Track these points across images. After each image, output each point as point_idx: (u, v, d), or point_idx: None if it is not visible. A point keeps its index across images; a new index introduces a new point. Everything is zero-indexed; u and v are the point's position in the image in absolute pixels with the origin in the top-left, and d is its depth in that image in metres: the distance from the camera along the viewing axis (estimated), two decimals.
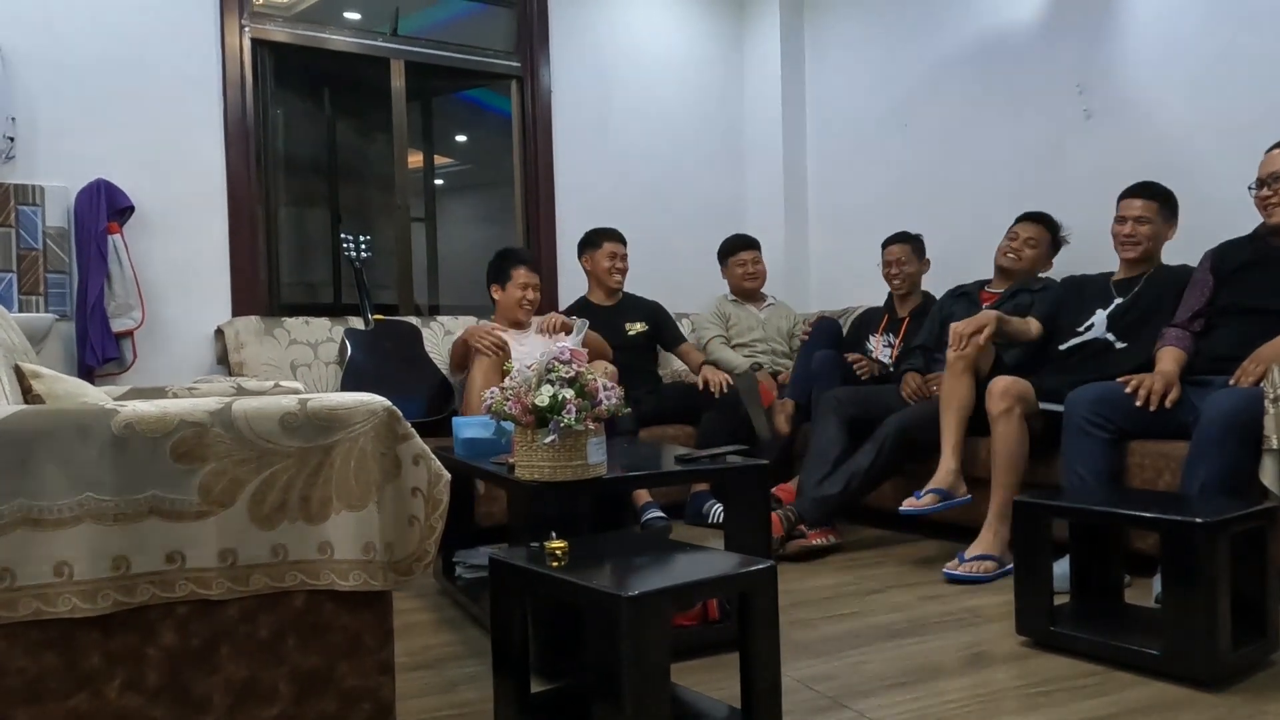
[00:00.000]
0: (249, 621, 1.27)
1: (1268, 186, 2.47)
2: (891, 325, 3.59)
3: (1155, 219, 2.77)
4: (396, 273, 4.09)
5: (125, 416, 1.21)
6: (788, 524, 2.86)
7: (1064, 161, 3.51)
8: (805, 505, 2.91)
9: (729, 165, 4.66)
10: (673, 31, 4.56)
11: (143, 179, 3.37)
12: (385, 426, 1.32)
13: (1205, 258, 2.66)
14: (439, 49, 4.13)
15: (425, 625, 2.30)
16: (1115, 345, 2.77)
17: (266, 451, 1.26)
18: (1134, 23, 3.28)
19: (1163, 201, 2.79)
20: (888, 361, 3.48)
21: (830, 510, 2.91)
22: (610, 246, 3.76)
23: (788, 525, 2.86)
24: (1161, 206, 2.79)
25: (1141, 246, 2.78)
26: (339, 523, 1.29)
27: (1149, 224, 2.77)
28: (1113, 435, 2.47)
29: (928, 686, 1.79)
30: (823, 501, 2.89)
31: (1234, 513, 1.80)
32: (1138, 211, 2.78)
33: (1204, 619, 1.73)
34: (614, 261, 3.75)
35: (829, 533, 2.92)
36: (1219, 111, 3.04)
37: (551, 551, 1.55)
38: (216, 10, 3.55)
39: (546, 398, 1.84)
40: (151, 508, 1.21)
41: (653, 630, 1.35)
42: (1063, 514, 2.02)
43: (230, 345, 3.36)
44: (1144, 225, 2.77)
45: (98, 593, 1.18)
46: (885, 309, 3.67)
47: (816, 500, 2.89)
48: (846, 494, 2.90)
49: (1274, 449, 2.17)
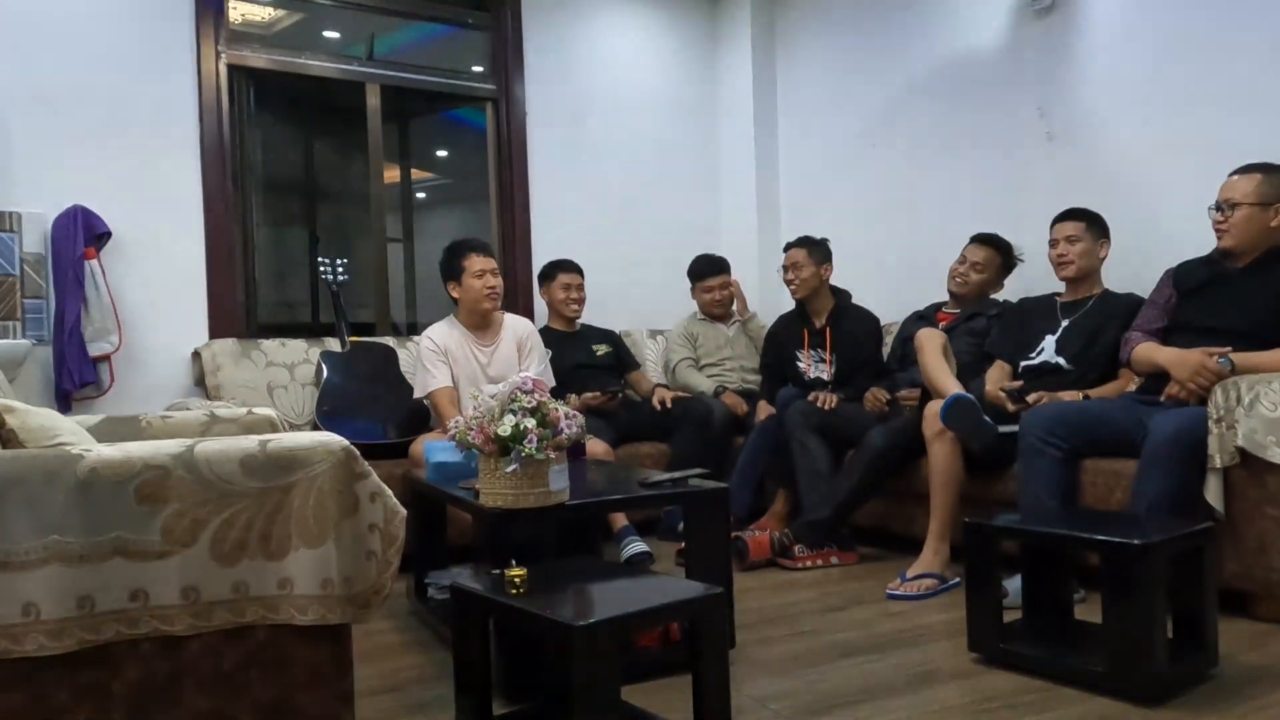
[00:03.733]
0: (212, 656, 1.32)
1: (1220, 211, 2.56)
2: (815, 339, 3.53)
3: (1085, 237, 2.91)
4: (374, 292, 4.13)
5: (90, 461, 1.26)
6: (779, 547, 2.96)
7: (1027, 182, 3.59)
8: (801, 529, 3.01)
9: (703, 184, 4.73)
10: (646, 53, 4.63)
11: (120, 205, 3.40)
12: (343, 466, 1.38)
13: (1167, 274, 2.74)
14: (414, 72, 4.19)
15: (396, 647, 2.35)
16: (1064, 368, 2.86)
17: (227, 492, 1.32)
18: (1093, 47, 3.37)
19: (1090, 221, 2.93)
20: (828, 379, 3.46)
21: (824, 533, 3.01)
22: (564, 278, 3.81)
23: (779, 548, 2.95)
24: (1090, 225, 2.92)
25: (1075, 265, 2.91)
26: (298, 559, 1.34)
27: (1079, 242, 2.91)
28: (1066, 454, 2.54)
29: (877, 705, 1.85)
30: (818, 525, 3.00)
31: (1170, 534, 1.87)
32: (1068, 232, 2.93)
33: (1143, 636, 1.80)
34: (568, 293, 3.80)
35: (831, 554, 3.01)
36: (1176, 133, 3.12)
37: (510, 580, 1.61)
38: (192, 37, 3.60)
39: (509, 427, 1.90)
40: (116, 548, 1.26)
41: (603, 658, 1.41)
42: (1011, 534, 2.09)
43: (207, 368, 3.40)
44: (1075, 244, 2.91)
45: (64, 631, 1.23)
46: (800, 321, 3.59)
47: (813, 524, 2.99)
48: (838, 517, 3.01)
49: (1217, 468, 2.25)
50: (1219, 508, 2.26)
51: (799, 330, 3.58)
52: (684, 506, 2.27)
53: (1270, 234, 2.51)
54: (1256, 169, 2.53)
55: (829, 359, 3.48)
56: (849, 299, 3.57)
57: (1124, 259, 2.99)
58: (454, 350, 3.20)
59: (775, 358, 3.65)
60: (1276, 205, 2.48)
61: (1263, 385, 2.21)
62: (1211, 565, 1.95)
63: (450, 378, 3.15)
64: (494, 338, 3.28)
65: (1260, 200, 2.49)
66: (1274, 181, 2.50)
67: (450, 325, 3.27)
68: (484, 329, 3.28)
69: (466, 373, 3.19)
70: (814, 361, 3.51)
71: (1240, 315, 2.48)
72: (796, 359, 3.57)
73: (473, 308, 3.22)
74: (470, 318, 3.26)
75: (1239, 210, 2.51)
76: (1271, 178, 2.50)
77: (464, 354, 3.22)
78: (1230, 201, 2.53)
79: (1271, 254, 2.52)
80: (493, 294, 3.20)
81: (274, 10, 4.00)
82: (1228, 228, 2.54)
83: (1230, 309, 2.52)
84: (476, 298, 3.19)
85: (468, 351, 3.23)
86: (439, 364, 3.15)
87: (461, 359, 3.21)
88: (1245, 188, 2.51)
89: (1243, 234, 2.52)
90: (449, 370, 3.17)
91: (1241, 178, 2.54)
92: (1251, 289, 2.50)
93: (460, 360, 3.20)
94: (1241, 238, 2.52)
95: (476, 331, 3.27)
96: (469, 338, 3.24)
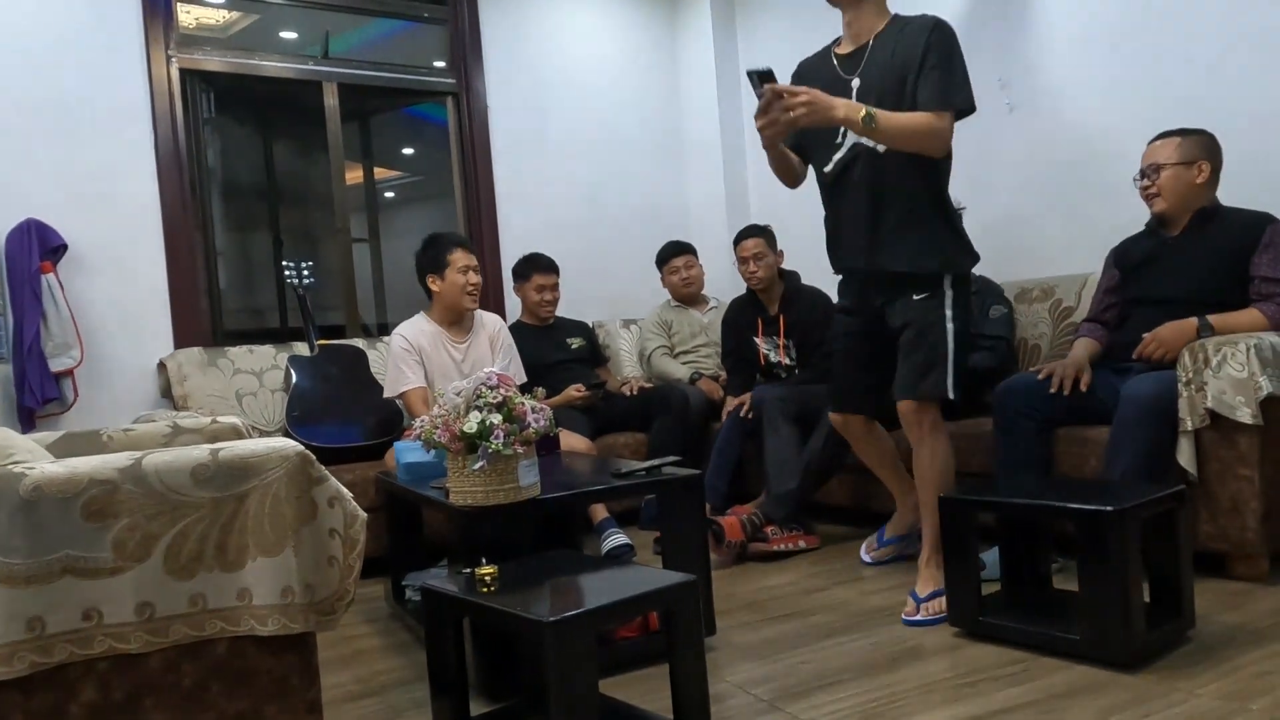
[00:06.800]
0: (172, 672, 1.29)
1: (1147, 177, 2.58)
2: (770, 326, 3.50)
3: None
4: (342, 294, 4.08)
5: (33, 479, 1.22)
6: (751, 528, 2.93)
7: (989, 154, 3.58)
8: (770, 505, 2.99)
9: (669, 171, 4.70)
10: (606, 40, 4.59)
11: (74, 216, 3.34)
12: (299, 471, 1.34)
13: (1109, 255, 2.76)
14: (371, 69, 4.13)
15: (374, 651, 2.32)
16: None
17: (179, 504, 1.28)
18: (1052, 16, 3.36)
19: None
20: (791, 363, 3.44)
21: (793, 505, 3.00)
22: (539, 279, 3.75)
23: (750, 529, 2.92)
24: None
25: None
26: (256, 569, 1.31)
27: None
28: (1040, 424, 2.54)
29: (860, 684, 1.84)
30: (785, 498, 2.98)
31: (1142, 499, 1.87)
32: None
33: (1119, 602, 1.80)
34: (543, 294, 3.76)
35: (799, 537, 2.99)
36: (1135, 101, 3.12)
37: (481, 578, 1.58)
38: (141, 42, 3.52)
39: (474, 424, 1.87)
40: (65, 567, 1.23)
41: (577, 652, 1.39)
42: (986, 508, 2.08)
43: (173, 378, 3.35)
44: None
45: (14, 655, 1.19)
46: (754, 309, 3.55)
47: (780, 497, 2.98)
48: (804, 487, 3.01)
49: (1189, 430, 2.26)
50: (1192, 470, 2.27)
51: (753, 318, 3.55)
52: (658, 495, 2.25)
53: (1197, 191, 2.53)
54: (1174, 133, 2.57)
55: (783, 344, 3.46)
56: (798, 280, 3.55)
57: (1090, 229, 2.99)
58: (427, 348, 3.14)
59: (735, 345, 3.62)
60: (1199, 163, 2.52)
61: (1229, 346, 2.22)
62: (1185, 528, 1.96)
63: (423, 377, 3.09)
64: (468, 334, 3.23)
65: (1182, 159, 2.52)
66: (1192, 141, 2.54)
67: (423, 322, 3.20)
68: (458, 325, 3.22)
69: (441, 370, 3.12)
70: (771, 348, 3.49)
71: (1188, 283, 2.50)
72: (754, 345, 3.54)
73: (452, 304, 3.16)
74: (446, 314, 3.20)
75: (1164, 172, 2.54)
76: (1189, 138, 2.54)
77: (438, 351, 3.16)
78: (1155, 165, 2.57)
79: (1201, 215, 2.54)
80: (474, 291, 3.16)
81: (229, 13, 3.93)
82: (1157, 190, 2.57)
83: (1175, 278, 2.53)
84: (458, 295, 3.13)
85: (442, 349, 3.17)
86: (412, 363, 3.09)
87: (435, 356, 3.14)
88: (1167, 150, 2.55)
89: (1171, 194, 2.54)
90: (422, 369, 3.10)
91: (1162, 142, 2.58)
92: (1190, 255, 2.52)
93: (434, 357, 3.14)
94: (1171, 198, 2.54)
95: (451, 328, 3.21)
96: (443, 334, 3.18)
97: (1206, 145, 2.53)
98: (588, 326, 4.00)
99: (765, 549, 2.93)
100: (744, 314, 3.59)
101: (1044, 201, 3.40)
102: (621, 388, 3.73)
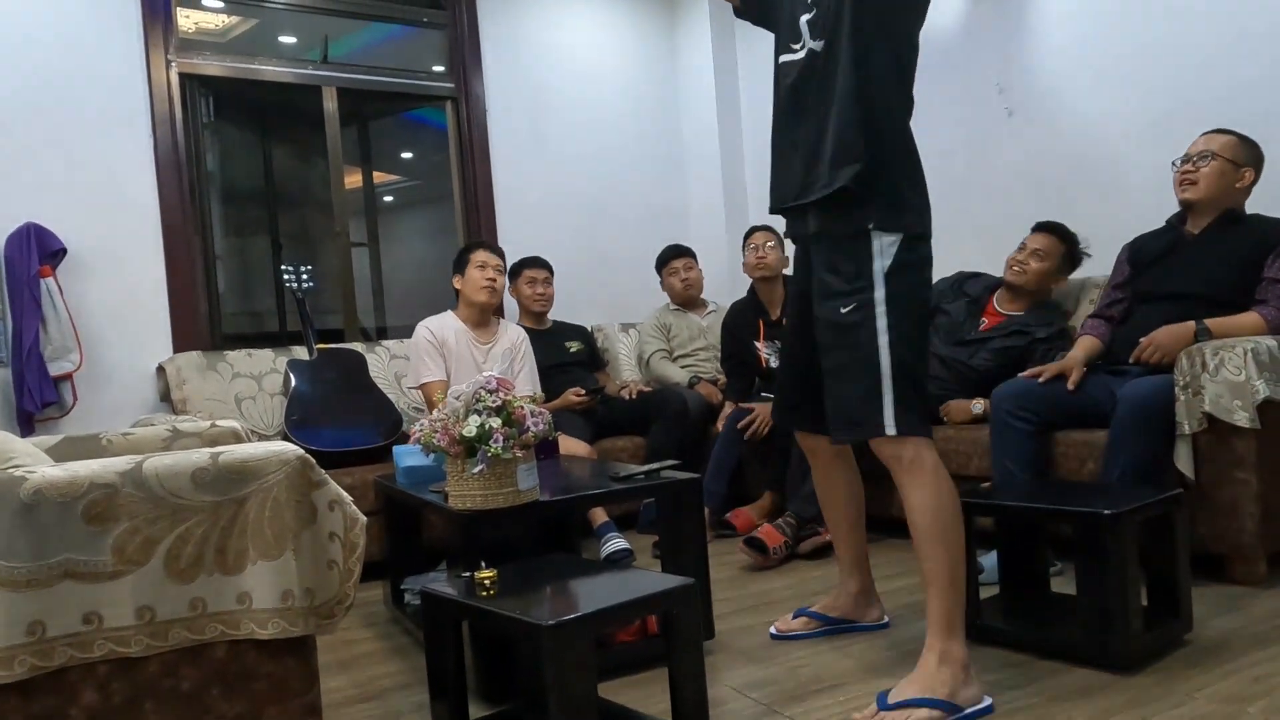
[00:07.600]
0: (171, 675, 1.29)
1: (1191, 162, 2.56)
2: (771, 330, 3.48)
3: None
4: (341, 298, 4.09)
5: (34, 483, 1.22)
6: (790, 529, 2.92)
7: (988, 159, 3.59)
8: (799, 504, 2.97)
9: (668, 174, 4.71)
10: (605, 42, 4.60)
11: (74, 220, 3.34)
12: (299, 474, 1.35)
13: (1124, 249, 2.76)
14: (371, 73, 4.14)
15: (375, 655, 2.32)
16: None
17: (179, 508, 1.28)
18: (1049, 21, 3.38)
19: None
20: None
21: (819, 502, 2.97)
22: (529, 273, 3.78)
23: (790, 530, 2.91)
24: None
25: None
26: (256, 572, 1.31)
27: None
28: (1037, 427, 2.54)
29: (858, 688, 1.84)
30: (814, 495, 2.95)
31: (1140, 502, 1.87)
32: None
33: (1117, 605, 1.80)
34: (533, 287, 3.78)
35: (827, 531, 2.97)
36: (1133, 104, 3.13)
37: (480, 581, 1.58)
38: (141, 46, 3.53)
39: (474, 428, 1.87)
40: (65, 571, 1.23)
41: (576, 656, 1.39)
42: (985, 511, 2.09)
43: (172, 382, 3.35)
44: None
45: (14, 659, 1.19)
46: (755, 312, 3.56)
47: (809, 495, 2.90)
48: None
49: (1186, 434, 2.27)
50: (1189, 474, 2.27)
51: (754, 321, 3.54)
52: (657, 499, 2.25)
53: (1232, 194, 2.53)
54: (1233, 132, 2.55)
55: None
56: None
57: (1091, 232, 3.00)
58: (451, 343, 3.26)
59: (734, 350, 3.62)
60: (1246, 169, 2.51)
61: (1226, 351, 2.22)
62: (1183, 531, 1.96)
63: (444, 371, 3.21)
64: (492, 337, 3.37)
65: (1234, 158, 2.51)
66: (1249, 146, 2.53)
67: (450, 318, 3.35)
68: (483, 326, 3.37)
69: (462, 366, 3.22)
70: (773, 353, 3.48)
71: (1200, 278, 2.49)
72: (754, 350, 3.54)
73: (471, 298, 3.31)
74: (469, 311, 3.35)
75: (1214, 162, 2.51)
76: (1247, 143, 2.54)
77: (461, 348, 3.26)
78: (1208, 152, 2.53)
79: (1227, 217, 2.54)
80: (490, 286, 3.30)
81: (228, 17, 3.93)
82: (1196, 178, 2.53)
83: (1190, 273, 2.53)
84: (474, 288, 3.29)
85: (465, 346, 3.27)
86: (434, 355, 3.21)
87: (458, 352, 3.25)
88: (1223, 143, 2.52)
89: (1210, 186, 2.51)
90: (443, 364, 3.23)
91: (1218, 134, 2.55)
92: (1210, 252, 2.51)
93: (457, 353, 3.25)
94: (1208, 190, 2.51)
95: (476, 329, 3.35)
96: (468, 333, 3.31)
97: (1258, 157, 2.53)
98: (586, 330, 4.01)
99: (820, 541, 2.90)
100: (745, 318, 3.59)
101: (1042, 206, 3.40)
102: (620, 391, 3.74)
